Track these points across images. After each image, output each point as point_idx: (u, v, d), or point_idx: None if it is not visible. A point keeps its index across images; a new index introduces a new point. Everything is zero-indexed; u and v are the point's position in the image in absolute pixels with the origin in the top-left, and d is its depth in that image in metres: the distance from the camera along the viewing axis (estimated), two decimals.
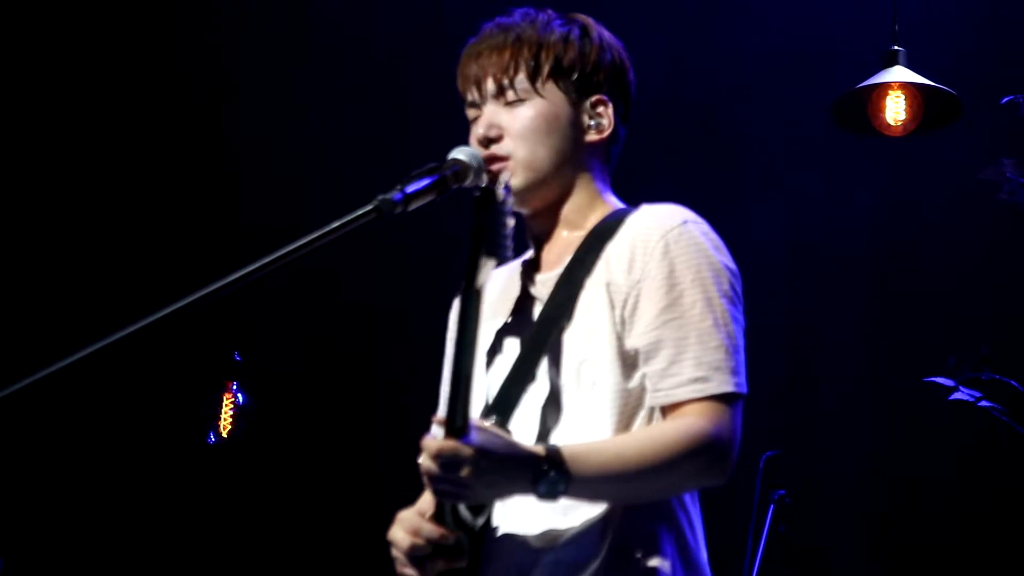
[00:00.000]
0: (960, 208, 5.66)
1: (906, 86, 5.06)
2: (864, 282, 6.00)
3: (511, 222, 1.99)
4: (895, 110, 5.10)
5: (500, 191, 1.89)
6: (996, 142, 4.95)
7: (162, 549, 6.18)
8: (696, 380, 2.16)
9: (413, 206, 2.23)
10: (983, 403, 4.56)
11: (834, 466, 5.90)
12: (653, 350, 2.19)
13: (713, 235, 2.28)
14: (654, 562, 2.17)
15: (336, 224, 2.17)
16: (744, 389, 2.19)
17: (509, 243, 1.96)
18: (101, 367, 2.15)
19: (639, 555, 2.17)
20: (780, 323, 5.94)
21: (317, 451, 6.33)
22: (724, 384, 2.16)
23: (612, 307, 2.23)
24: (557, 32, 2.36)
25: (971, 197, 5.28)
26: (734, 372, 2.18)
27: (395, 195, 2.20)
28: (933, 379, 4.64)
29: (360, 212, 2.19)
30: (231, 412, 6.30)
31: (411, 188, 2.22)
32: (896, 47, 5.09)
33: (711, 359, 2.17)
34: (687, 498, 2.24)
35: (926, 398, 4.74)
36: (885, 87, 5.07)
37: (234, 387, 6.33)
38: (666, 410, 2.19)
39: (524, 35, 2.35)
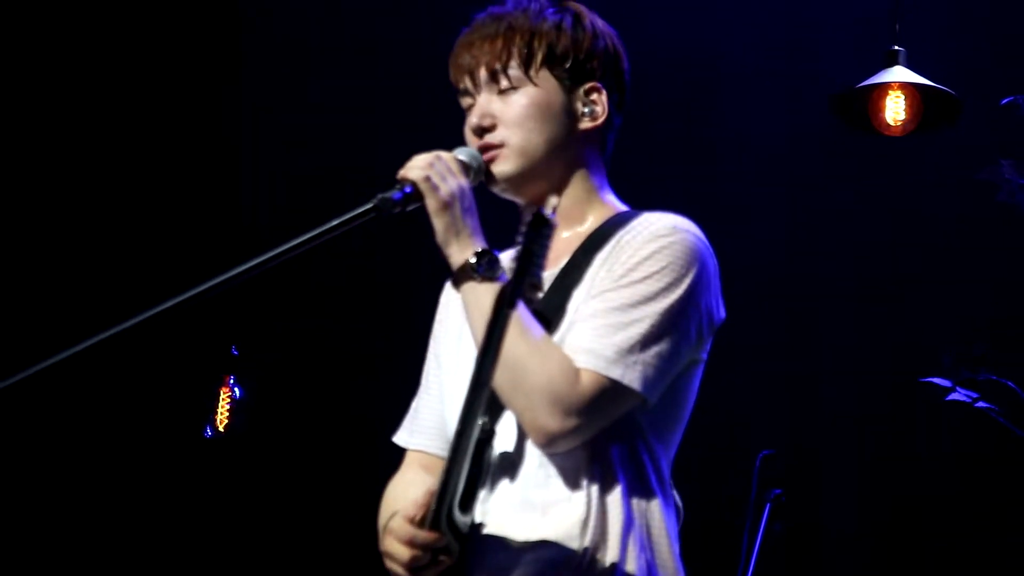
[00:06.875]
0: (959, 208, 5.66)
1: (906, 86, 5.06)
2: (864, 281, 6.00)
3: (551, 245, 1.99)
4: (895, 110, 5.09)
5: (553, 217, 1.88)
6: (995, 143, 4.94)
7: (158, 544, 6.17)
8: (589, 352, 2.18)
9: (412, 206, 2.24)
10: (980, 404, 4.56)
11: (830, 465, 5.89)
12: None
13: (705, 244, 2.30)
14: (630, 564, 2.18)
15: (335, 222, 2.18)
16: (637, 386, 2.18)
17: (544, 263, 1.94)
18: (98, 361, 2.15)
19: (614, 555, 2.18)
20: (779, 322, 5.94)
21: (315, 446, 6.32)
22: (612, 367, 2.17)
23: None
24: (550, 20, 2.36)
25: (970, 198, 5.28)
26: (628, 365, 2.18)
27: (395, 194, 2.22)
28: (930, 379, 4.64)
29: (359, 211, 2.19)
30: (228, 406, 6.29)
31: (411, 187, 2.23)
32: (896, 47, 5.09)
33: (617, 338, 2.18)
34: (661, 500, 2.25)
35: (924, 398, 4.74)
36: (885, 87, 5.07)
37: (231, 381, 6.31)
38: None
39: (516, 23, 2.35)
